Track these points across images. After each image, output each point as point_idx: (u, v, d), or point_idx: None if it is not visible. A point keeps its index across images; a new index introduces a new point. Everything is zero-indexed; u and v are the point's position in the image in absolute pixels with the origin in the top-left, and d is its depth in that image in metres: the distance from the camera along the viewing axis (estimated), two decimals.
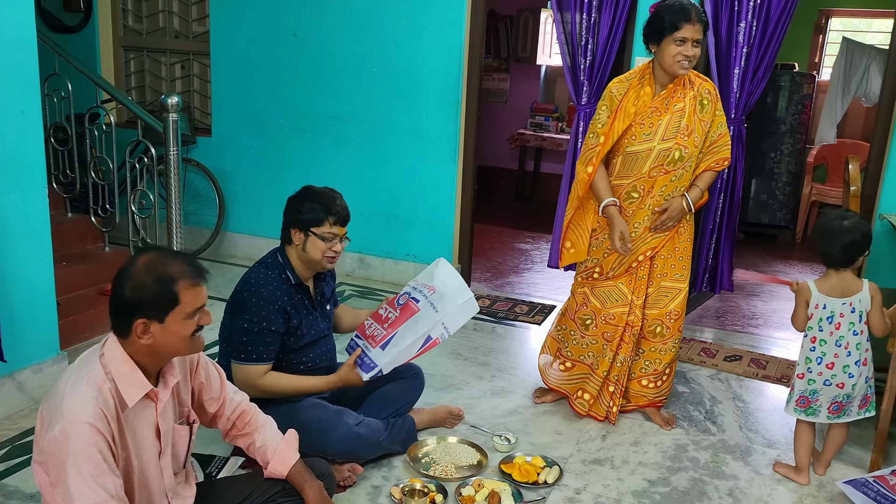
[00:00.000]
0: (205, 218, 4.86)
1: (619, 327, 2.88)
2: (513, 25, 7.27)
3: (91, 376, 1.65)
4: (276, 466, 1.97)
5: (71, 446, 1.56)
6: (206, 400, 1.97)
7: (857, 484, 2.50)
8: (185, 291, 1.67)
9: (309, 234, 2.44)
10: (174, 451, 1.85)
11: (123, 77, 5.18)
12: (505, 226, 6.22)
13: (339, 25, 4.38)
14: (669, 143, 2.66)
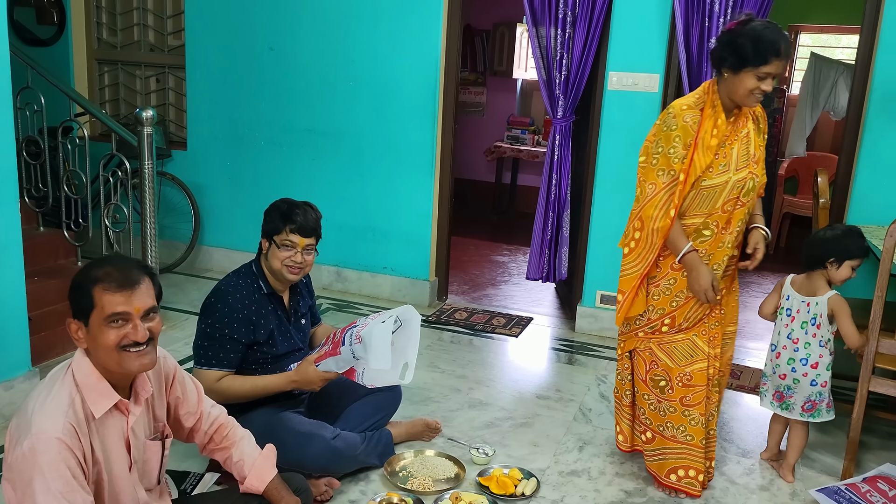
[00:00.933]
0: (180, 232, 4.82)
1: (700, 388, 2.50)
2: (489, 39, 7.34)
3: (61, 390, 1.63)
4: (253, 482, 1.96)
5: (39, 462, 1.54)
6: (183, 415, 1.96)
7: (829, 492, 2.54)
8: (102, 295, 1.64)
9: (271, 243, 2.48)
10: (146, 468, 1.83)
11: (97, 90, 5.14)
12: (482, 238, 6.25)
13: (316, 39, 4.39)
14: (743, 172, 2.38)
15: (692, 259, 2.39)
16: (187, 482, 2.42)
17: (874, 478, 2.62)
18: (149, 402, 1.82)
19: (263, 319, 2.48)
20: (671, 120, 2.38)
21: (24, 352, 2.93)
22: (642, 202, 2.42)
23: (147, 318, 1.68)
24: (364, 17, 4.27)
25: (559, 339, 4.10)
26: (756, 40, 2.25)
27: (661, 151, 2.37)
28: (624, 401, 2.70)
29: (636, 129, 3.83)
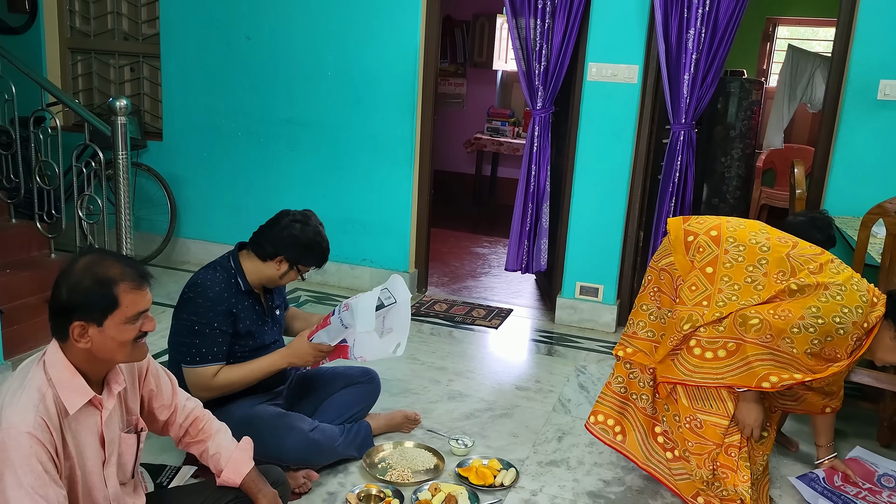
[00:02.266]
0: (156, 223, 4.76)
1: (706, 441, 2.31)
2: (469, 31, 7.31)
3: (32, 384, 1.60)
4: (230, 475, 1.94)
5: (10, 457, 1.51)
6: (157, 408, 1.93)
7: (807, 479, 2.57)
8: (126, 294, 1.62)
9: (293, 269, 2.50)
10: (121, 461, 1.80)
11: (70, 80, 5.05)
12: (462, 230, 6.24)
13: (294, 29, 4.34)
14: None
15: (751, 394, 2.25)
16: (164, 475, 2.39)
17: (848, 461, 2.66)
18: (121, 395, 1.80)
19: (242, 313, 2.46)
20: (855, 314, 2.14)
21: None
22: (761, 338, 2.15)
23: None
24: (342, 6, 4.23)
25: (539, 331, 4.11)
26: None
27: (828, 341, 2.13)
28: (638, 403, 2.51)
29: (616, 120, 3.84)
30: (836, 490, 2.50)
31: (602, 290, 4.06)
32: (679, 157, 3.78)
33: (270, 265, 2.47)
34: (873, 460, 2.69)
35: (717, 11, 3.55)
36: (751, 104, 6.10)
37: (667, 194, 3.85)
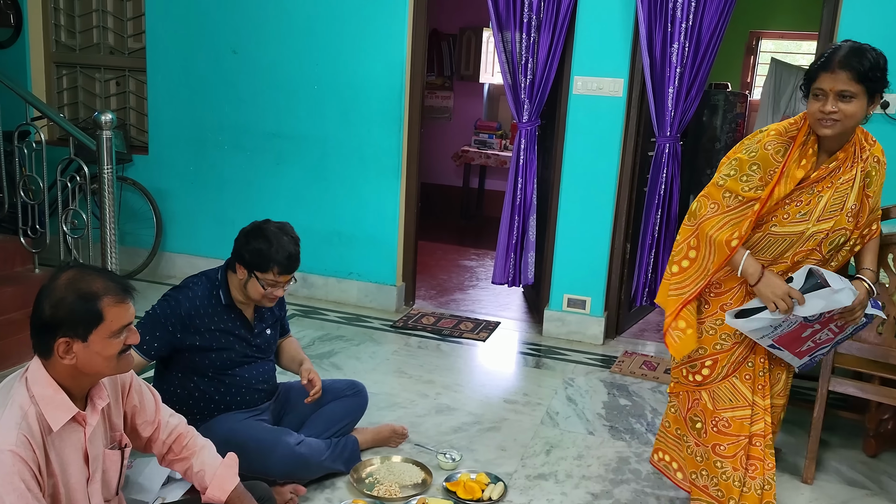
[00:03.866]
0: (141, 238, 4.73)
1: (737, 439, 2.25)
2: (456, 44, 7.35)
3: (14, 401, 1.58)
4: (215, 491, 1.92)
5: None
6: (140, 424, 1.92)
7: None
8: (110, 308, 1.62)
9: (252, 275, 2.41)
10: (105, 478, 1.78)
11: (55, 94, 5.03)
12: (449, 243, 6.24)
13: (280, 42, 4.35)
14: (827, 223, 2.07)
15: (755, 271, 2.11)
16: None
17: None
18: (105, 411, 1.78)
19: (208, 327, 2.43)
20: (753, 145, 2.11)
21: None
22: (698, 219, 2.16)
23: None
24: (329, 20, 4.24)
25: (527, 343, 4.10)
26: (818, 56, 2.05)
27: (732, 175, 2.10)
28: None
29: (601, 133, 3.87)
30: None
31: (589, 302, 4.07)
32: (664, 169, 3.81)
33: (234, 275, 2.46)
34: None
35: (700, 25, 3.59)
36: (735, 117, 6.17)
37: (653, 206, 3.87)
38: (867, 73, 1.94)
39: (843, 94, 1.96)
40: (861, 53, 1.96)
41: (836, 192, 2.06)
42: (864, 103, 1.98)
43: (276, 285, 2.42)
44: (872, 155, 2.09)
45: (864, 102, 1.98)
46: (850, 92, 1.95)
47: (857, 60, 1.94)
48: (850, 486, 2.78)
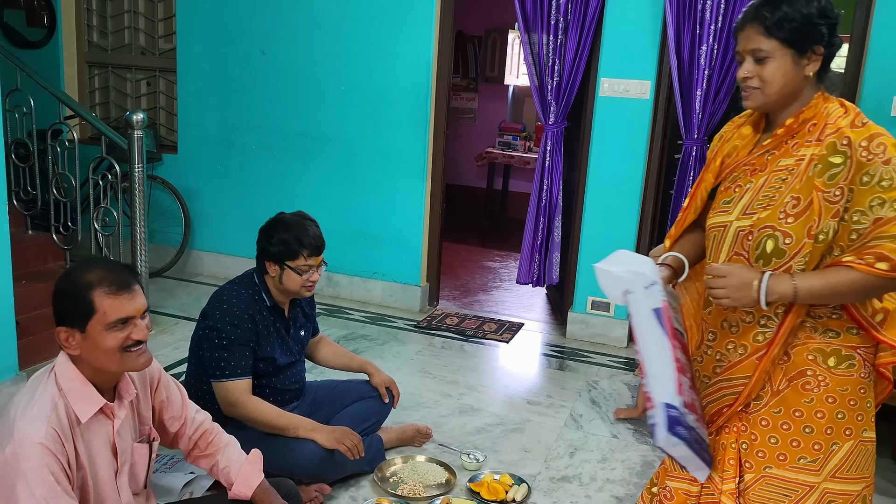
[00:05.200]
0: (170, 236, 4.80)
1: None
2: (481, 46, 7.36)
3: (43, 394, 1.61)
4: (240, 487, 1.94)
5: (22, 467, 1.52)
6: (168, 419, 1.94)
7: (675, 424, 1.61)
8: (102, 300, 1.61)
9: (284, 268, 2.41)
10: (133, 471, 1.81)
11: (87, 93, 5.11)
12: (473, 244, 6.25)
13: (308, 43, 4.38)
14: (748, 220, 1.59)
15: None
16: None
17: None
18: (133, 404, 1.81)
19: (266, 332, 2.46)
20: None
21: (11, 356, 2.90)
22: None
23: (143, 317, 1.68)
24: (357, 21, 4.27)
25: (550, 345, 4.10)
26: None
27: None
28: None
29: (628, 136, 3.85)
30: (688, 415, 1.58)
31: (614, 305, 4.05)
32: (691, 172, 3.78)
33: (267, 276, 2.47)
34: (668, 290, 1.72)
35: (729, 27, 3.56)
36: None
37: (679, 209, 3.84)
38: (779, 23, 1.53)
39: (756, 55, 1.57)
40: (772, 1, 1.55)
41: (771, 178, 1.59)
42: (788, 62, 1.55)
43: (310, 269, 2.42)
44: (843, 137, 1.52)
45: (786, 62, 1.54)
46: (762, 51, 1.55)
47: (769, 9, 1.54)
48: (880, 494, 2.74)
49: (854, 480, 1.60)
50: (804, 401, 1.58)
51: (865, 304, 1.57)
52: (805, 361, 1.58)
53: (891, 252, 1.47)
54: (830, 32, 1.55)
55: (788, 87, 1.57)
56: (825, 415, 1.58)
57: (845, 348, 1.58)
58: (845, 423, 1.58)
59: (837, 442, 1.58)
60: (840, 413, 1.58)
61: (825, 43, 1.55)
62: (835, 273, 1.52)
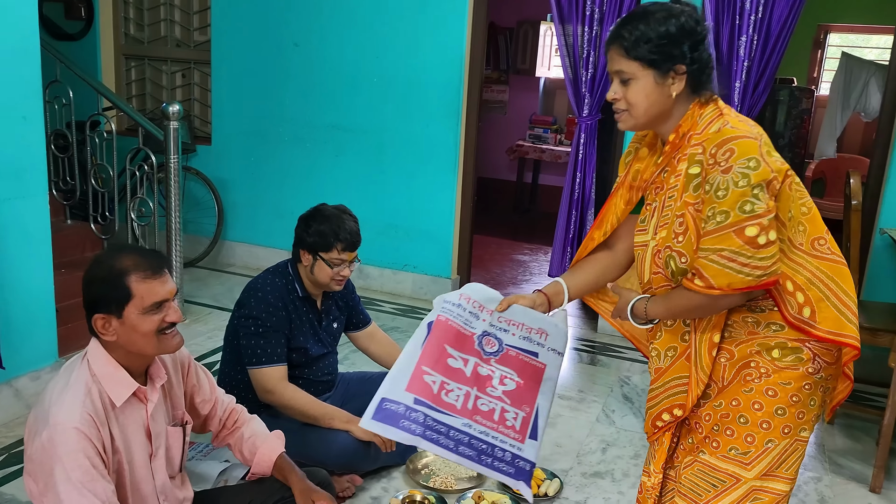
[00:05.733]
0: (203, 226, 4.85)
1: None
2: (512, 38, 7.31)
3: (77, 380, 1.64)
4: (266, 452, 1.97)
5: (58, 452, 1.55)
6: (199, 402, 1.97)
7: (393, 416, 1.64)
8: (138, 284, 1.63)
9: (317, 258, 2.42)
10: (169, 454, 1.84)
11: (124, 85, 5.18)
12: (502, 237, 6.22)
13: (341, 35, 4.39)
14: (656, 240, 1.60)
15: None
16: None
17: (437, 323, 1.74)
18: (165, 389, 1.83)
19: (298, 321, 2.48)
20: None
21: (51, 343, 2.96)
22: None
23: (174, 299, 1.71)
24: (389, 13, 4.26)
25: (581, 340, 4.07)
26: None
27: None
28: None
29: None
30: (440, 412, 1.62)
31: None
32: None
33: (301, 265, 2.48)
34: (471, 310, 1.76)
35: (770, 18, 3.49)
36: (801, 112, 5.99)
37: None
38: (636, 44, 1.49)
39: (620, 76, 1.54)
40: (631, 21, 1.52)
41: (665, 199, 1.58)
42: (650, 83, 1.51)
43: (342, 264, 2.43)
44: (700, 145, 1.49)
45: (648, 83, 1.51)
46: (624, 72, 1.52)
47: (628, 29, 1.51)
48: (860, 483, 2.67)
49: (784, 480, 1.57)
50: (744, 390, 1.56)
51: (788, 300, 1.51)
52: (749, 354, 1.56)
53: (703, 268, 1.45)
54: (694, 49, 1.50)
55: (655, 108, 1.54)
56: (762, 407, 1.54)
57: (791, 341, 1.53)
58: (785, 420, 1.54)
59: (774, 439, 1.55)
60: (780, 409, 1.54)
61: (687, 61, 1.50)
62: (676, 293, 1.54)
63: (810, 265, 1.52)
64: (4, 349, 2.64)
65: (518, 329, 1.72)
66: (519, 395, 1.62)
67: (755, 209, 1.40)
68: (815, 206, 1.58)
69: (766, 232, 1.41)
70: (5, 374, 2.74)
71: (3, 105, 2.63)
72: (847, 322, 1.52)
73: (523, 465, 1.53)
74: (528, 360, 1.68)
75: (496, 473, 1.53)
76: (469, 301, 1.74)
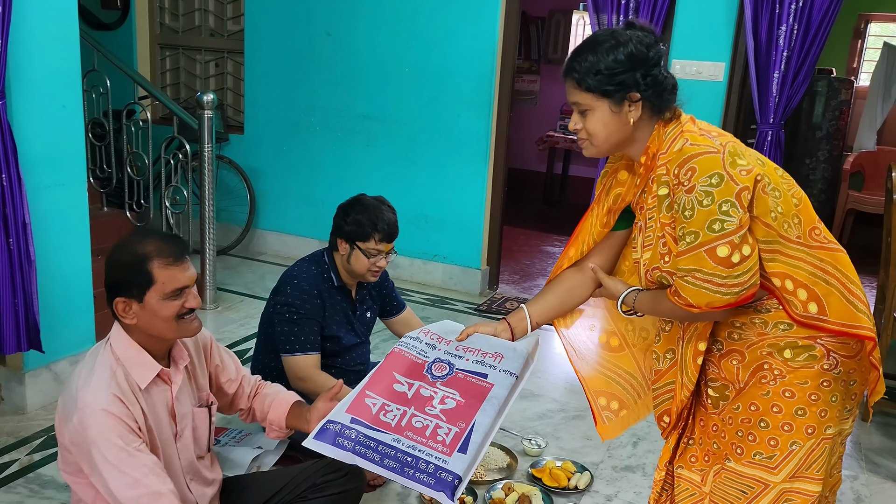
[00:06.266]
0: (236, 215, 4.89)
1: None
2: (544, 27, 7.25)
3: (102, 364, 1.67)
4: (280, 403, 1.97)
5: (90, 435, 1.58)
6: (224, 382, 1.99)
7: (331, 435, 1.66)
8: (160, 270, 1.65)
9: (354, 247, 2.43)
10: (196, 435, 1.86)
11: (159, 74, 5.24)
12: (532, 228, 6.19)
13: (373, 25, 4.39)
14: (644, 259, 1.60)
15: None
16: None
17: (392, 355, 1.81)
18: (189, 371, 1.86)
19: (332, 310, 2.49)
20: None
21: (89, 328, 3.01)
22: None
23: (194, 286, 1.73)
24: (422, 2, 4.24)
25: None
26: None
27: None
28: None
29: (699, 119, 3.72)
30: (373, 430, 1.64)
31: None
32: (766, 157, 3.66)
33: (337, 254, 2.49)
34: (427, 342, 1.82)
35: (811, 7, 3.41)
36: (839, 104, 5.85)
37: None
38: (586, 75, 1.50)
39: (578, 108, 1.55)
40: (581, 52, 1.52)
41: (647, 220, 1.58)
42: (606, 113, 1.51)
43: (379, 254, 2.43)
44: (664, 166, 1.50)
45: (604, 112, 1.51)
46: (580, 104, 1.54)
47: (578, 62, 1.51)
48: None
49: (814, 481, 1.53)
50: (761, 394, 1.54)
51: (790, 300, 1.48)
52: (761, 356, 1.54)
53: (681, 288, 1.46)
54: (646, 75, 1.49)
55: (615, 136, 1.54)
56: (781, 409, 1.52)
57: (801, 339, 1.50)
58: (807, 421, 1.51)
59: (798, 441, 1.52)
60: (800, 409, 1.51)
61: (642, 88, 1.49)
62: (663, 298, 1.54)
63: (811, 257, 1.49)
64: (44, 333, 2.69)
65: (473, 355, 1.76)
66: (457, 413, 1.66)
67: (725, 227, 1.39)
68: (805, 195, 1.56)
69: (738, 249, 1.40)
70: (45, 357, 2.80)
71: (44, 94, 2.67)
72: (859, 313, 1.48)
73: (445, 477, 1.57)
74: (475, 380, 1.71)
75: (416, 484, 1.57)
76: (427, 334, 1.83)
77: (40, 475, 2.45)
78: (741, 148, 1.49)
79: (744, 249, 1.40)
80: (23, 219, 2.54)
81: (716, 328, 1.60)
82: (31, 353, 2.75)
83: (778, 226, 1.47)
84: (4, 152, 2.46)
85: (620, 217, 1.72)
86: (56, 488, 2.38)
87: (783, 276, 1.48)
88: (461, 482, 1.55)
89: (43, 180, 2.71)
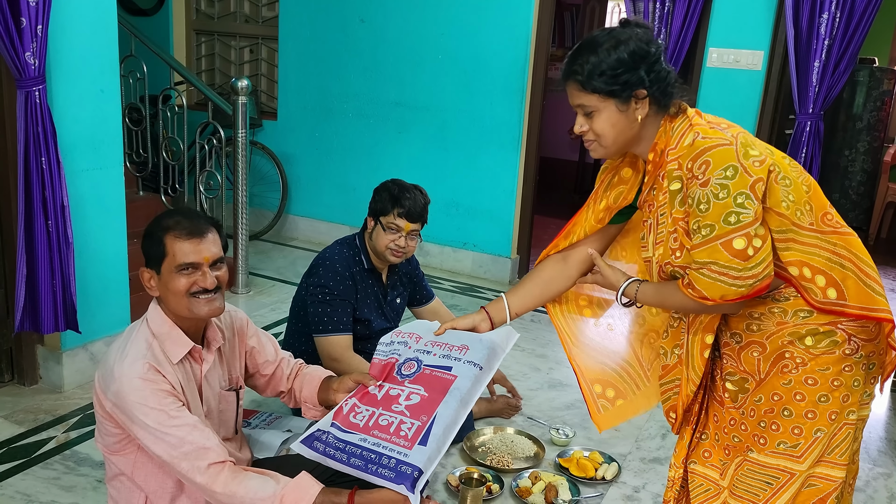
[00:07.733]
0: (268, 200, 4.94)
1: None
2: (579, 14, 7.17)
3: (138, 337, 1.71)
4: (314, 377, 1.99)
5: (129, 404, 1.62)
6: (262, 363, 2.01)
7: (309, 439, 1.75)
8: (173, 243, 1.68)
9: (377, 223, 2.47)
10: (223, 417, 1.90)
11: (194, 60, 5.29)
12: (563, 218, 6.11)
13: (406, 12, 4.37)
14: (655, 256, 1.58)
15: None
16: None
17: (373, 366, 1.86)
18: (221, 352, 1.88)
19: (363, 293, 2.52)
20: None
21: (124, 309, 3.06)
22: None
23: (215, 266, 1.73)
24: None
25: None
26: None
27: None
28: None
29: (736, 109, 3.67)
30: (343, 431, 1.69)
31: None
32: (804, 148, 3.58)
33: (367, 232, 2.52)
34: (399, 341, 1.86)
35: None
36: (881, 94, 5.70)
37: None
38: (590, 77, 1.48)
39: (583, 110, 1.53)
40: (581, 53, 1.49)
41: (657, 217, 1.56)
42: (613, 113, 1.50)
43: (398, 231, 2.45)
44: (675, 161, 1.48)
45: (611, 112, 1.50)
46: (586, 106, 1.51)
47: (579, 63, 1.49)
48: None
49: (838, 466, 1.53)
50: (782, 382, 1.53)
51: (809, 287, 1.46)
52: (782, 346, 1.52)
53: (695, 280, 1.45)
54: (650, 71, 1.48)
55: (624, 135, 1.54)
56: (805, 397, 1.51)
57: (822, 326, 1.49)
58: (830, 407, 1.50)
59: (822, 428, 1.51)
60: (823, 396, 1.50)
61: (647, 85, 1.48)
62: (670, 290, 1.53)
63: (826, 242, 1.47)
64: (81, 314, 2.75)
65: (441, 349, 1.77)
66: (420, 407, 1.67)
67: (741, 219, 1.39)
68: (814, 182, 1.54)
69: (753, 241, 1.40)
70: (81, 338, 2.86)
71: (82, 78, 2.71)
72: (876, 295, 1.47)
73: (405, 470, 1.58)
74: (440, 374, 1.72)
75: (377, 479, 1.59)
76: (399, 335, 1.87)
77: (76, 452, 2.51)
78: (751, 138, 1.49)
79: (756, 242, 1.40)
80: (61, 201, 2.59)
81: (733, 321, 1.59)
82: (68, 334, 2.81)
83: (791, 214, 1.46)
84: (44, 136, 2.51)
85: (615, 213, 1.73)
86: (91, 465, 2.44)
87: (800, 265, 1.47)
88: (422, 474, 1.57)
89: (81, 164, 2.76)
